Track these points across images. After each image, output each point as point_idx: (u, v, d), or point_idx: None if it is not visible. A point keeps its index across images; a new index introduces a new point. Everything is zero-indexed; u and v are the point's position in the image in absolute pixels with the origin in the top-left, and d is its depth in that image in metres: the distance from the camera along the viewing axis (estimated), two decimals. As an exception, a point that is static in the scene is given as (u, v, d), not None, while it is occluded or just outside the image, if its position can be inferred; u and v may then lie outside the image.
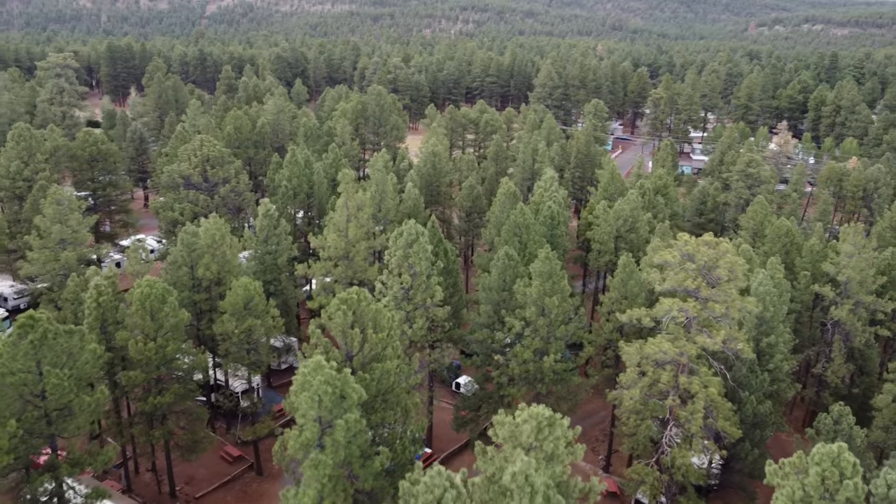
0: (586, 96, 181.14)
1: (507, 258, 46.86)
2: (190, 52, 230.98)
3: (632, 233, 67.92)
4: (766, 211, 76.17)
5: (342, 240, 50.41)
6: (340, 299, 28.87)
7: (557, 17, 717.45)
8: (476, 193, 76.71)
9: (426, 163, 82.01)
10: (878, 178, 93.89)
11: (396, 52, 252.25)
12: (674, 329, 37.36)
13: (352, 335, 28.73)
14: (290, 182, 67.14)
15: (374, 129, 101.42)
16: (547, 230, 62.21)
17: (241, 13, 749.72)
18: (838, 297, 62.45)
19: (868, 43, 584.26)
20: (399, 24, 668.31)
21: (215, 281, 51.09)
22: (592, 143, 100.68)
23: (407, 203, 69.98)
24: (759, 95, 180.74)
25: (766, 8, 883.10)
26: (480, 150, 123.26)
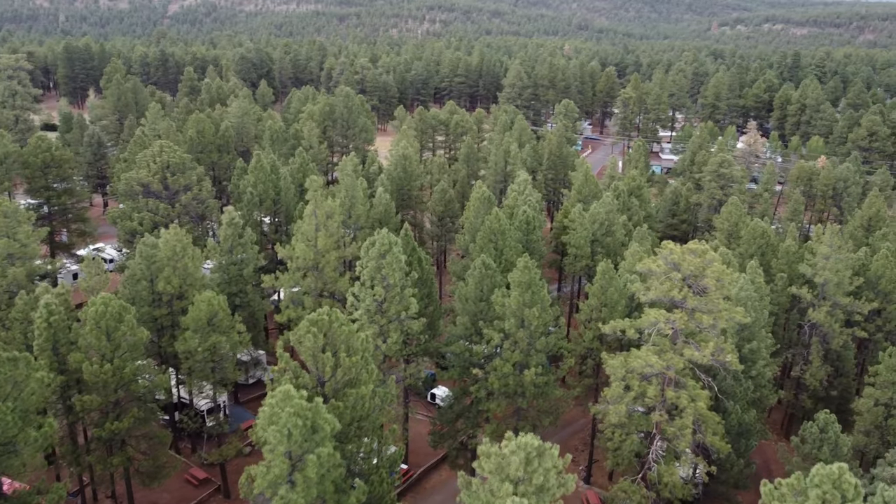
0: (556, 96, 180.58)
1: (485, 267, 45.07)
2: (151, 53, 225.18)
3: (608, 236, 66.72)
4: (740, 212, 75.67)
5: (311, 250, 48.13)
6: (310, 321, 26.74)
7: (524, 16, 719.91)
8: (448, 197, 74.86)
9: (397, 166, 79.93)
10: (848, 178, 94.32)
11: (363, 52, 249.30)
12: (659, 341, 35.93)
13: (323, 359, 26.64)
14: (256, 188, 64.51)
15: (343, 132, 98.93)
16: (522, 235, 60.66)
17: (205, 13, 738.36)
18: (815, 299, 61.97)
19: (826, 42, 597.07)
20: (365, 23, 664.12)
21: (177, 295, 48.42)
22: (565, 145, 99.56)
23: (378, 208, 67.83)
24: (727, 95, 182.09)
25: (727, 8, 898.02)
26: (451, 151, 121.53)
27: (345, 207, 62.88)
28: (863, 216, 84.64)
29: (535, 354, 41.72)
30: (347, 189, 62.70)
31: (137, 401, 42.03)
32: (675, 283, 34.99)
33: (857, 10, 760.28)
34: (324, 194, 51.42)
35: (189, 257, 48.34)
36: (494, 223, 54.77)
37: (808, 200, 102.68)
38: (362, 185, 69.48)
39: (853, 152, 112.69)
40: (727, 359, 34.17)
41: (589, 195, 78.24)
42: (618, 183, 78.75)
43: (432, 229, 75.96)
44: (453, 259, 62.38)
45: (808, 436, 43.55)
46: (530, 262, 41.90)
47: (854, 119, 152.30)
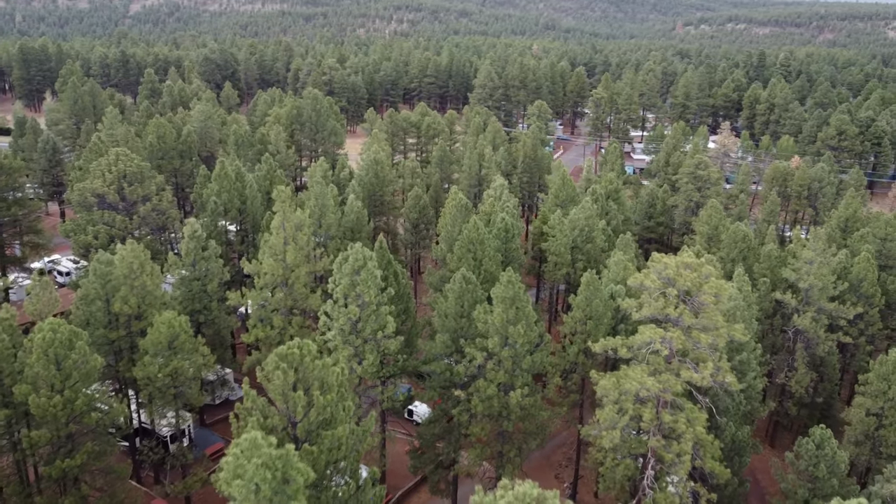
0: (527, 97, 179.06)
1: (465, 282, 42.57)
2: (111, 54, 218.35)
3: (588, 243, 64.76)
4: (720, 215, 74.34)
5: (279, 265, 45.15)
6: (279, 356, 23.95)
7: (491, 16, 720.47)
8: (423, 204, 72.24)
9: (368, 171, 77.05)
10: (822, 178, 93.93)
11: (331, 52, 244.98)
12: (654, 360, 33.80)
13: (294, 399, 23.88)
14: (220, 197, 61.16)
15: (311, 136, 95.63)
16: (501, 244, 58.34)
17: (167, 12, 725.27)
18: (800, 305, 60.72)
19: (788, 41, 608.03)
20: (332, 23, 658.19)
21: (135, 315, 45.08)
22: (539, 147, 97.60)
23: (349, 216, 64.94)
24: (696, 94, 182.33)
25: (691, 8, 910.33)
26: (423, 154, 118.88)
27: (314, 217, 59.92)
28: (840, 217, 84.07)
29: (521, 374, 39.36)
30: (317, 197, 59.73)
31: (92, 434, 38.70)
32: (671, 300, 32.89)
33: (816, 9, 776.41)
34: (292, 204, 48.49)
35: (147, 274, 45.01)
36: (473, 232, 52.32)
37: (783, 201, 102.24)
38: (333, 192, 66.55)
39: (826, 152, 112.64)
40: (727, 379, 32.18)
41: (566, 199, 76.28)
42: (595, 186, 76.91)
43: (406, 237, 73.27)
44: (429, 269, 59.82)
45: (803, 452, 41.86)
46: (514, 277, 39.52)
47: (823, 118, 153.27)
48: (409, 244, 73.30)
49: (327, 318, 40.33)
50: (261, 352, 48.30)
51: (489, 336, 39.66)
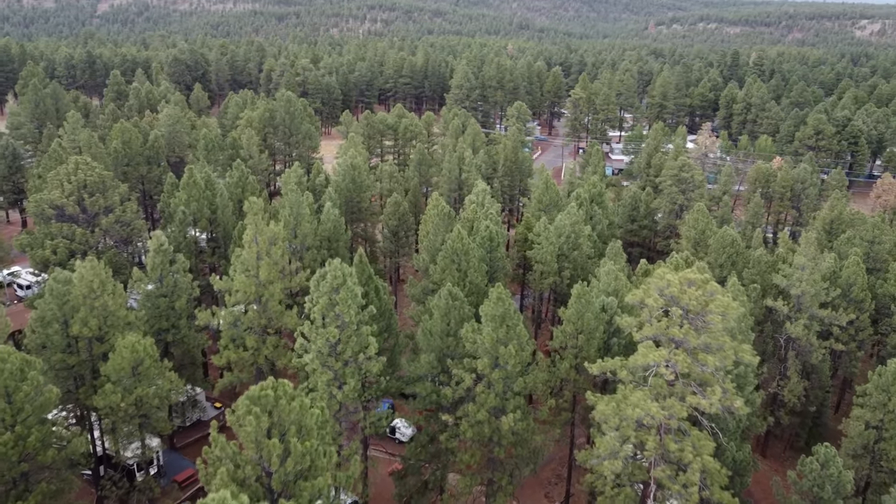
0: (504, 97, 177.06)
1: (451, 298, 40.04)
2: (77, 55, 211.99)
3: (574, 250, 62.60)
4: (707, 219, 72.66)
5: (252, 281, 42.21)
6: (251, 398, 21.21)
7: (465, 16, 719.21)
8: (402, 211, 69.53)
9: (345, 177, 74.18)
10: (805, 179, 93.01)
11: (304, 52, 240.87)
12: (656, 383, 31.57)
13: (269, 446, 21.17)
14: (189, 207, 57.90)
15: (285, 139, 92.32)
16: (486, 253, 55.91)
17: (136, 12, 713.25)
18: (792, 312, 59.13)
19: (759, 40, 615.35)
20: (305, 23, 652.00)
21: (96, 338, 41.85)
22: (520, 149, 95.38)
23: (326, 225, 62.02)
24: (674, 94, 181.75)
25: (663, 7, 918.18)
26: (400, 156, 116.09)
27: (289, 227, 56.96)
28: (824, 219, 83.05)
29: (513, 398, 36.92)
30: (292, 206, 56.76)
31: (48, 471, 35.53)
32: (675, 320, 30.67)
33: (785, 9, 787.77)
34: (265, 216, 45.58)
35: (109, 293, 41.78)
36: (457, 243, 49.82)
37: (765, 202, 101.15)
38: (308, 200, 63.58)
39: (808, 153, 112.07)
40: (735, 404, 30.05)
41: (550, 204, 74.12)
42: (579, 190, 74.84)
43: (386, 244, 70.51)
44: (412, 281, 57.17)
45: (807, 471, 40.03)
46: (504, 293, 37.07)
47: (800, 118, 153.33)
48: (388, 252, 70.60)
49: (304, 339, 37.56)
50: (233, 373, 45.39)
51: (478, 356, 37.18)
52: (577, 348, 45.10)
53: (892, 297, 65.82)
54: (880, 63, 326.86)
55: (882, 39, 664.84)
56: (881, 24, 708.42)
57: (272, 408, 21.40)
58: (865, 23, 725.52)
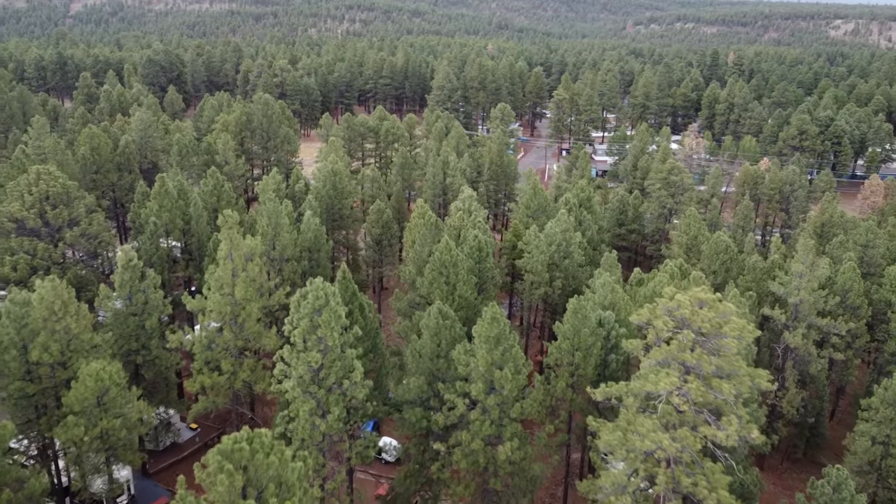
0: (486, 98, 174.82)
1: (441, 317, 37.48)
2: (47, 56, 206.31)
3: (566, 258, 60.33)
4: (699, 224, 70.84)
5: (227, 300, 39.34)
6: (223, 453, 18.51)
7: (444, 16, 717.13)
8: (386, 218, 66.83)
9: (325, 183, 71.31)
10: (794, 181, 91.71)
11: (282, 53, 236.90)
12: (666, 409, 29.29)
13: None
14: (160, 217, 54.77)
15: (263, 143, 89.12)
16: (474, 264, 53.41)
17: (110, 12, 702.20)
18: (789, 321, 57.36)
19: (735, 40, 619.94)
20: (283, 23, 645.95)
21: (59, 363, 38.75)
22: (505, 152, 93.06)
23: (307, 235, 59.19)
24: (656, 94, 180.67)
25: (641, 7, 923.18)
26: (381, 159, 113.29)
27: (268, 237, 54.06)
28: (815, 222, 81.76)
29: (510, 424, 34.47)
30: (270, 216, 53.86)
31: (3, 514, 32.45)
32: (686, 343, 28.38)
33: (760, 9, 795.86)
34: (241, 228, 42.74)
35: (72, 315, 38.69)
36: (444, 254, 47.29)
37: (754, 204, 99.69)
38: (287, 209, 60.68)
39: (796, 154, 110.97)
40: (753, 434, 27.86)
41: (538, 209, 71.88)
42: (568, 195, 72.64)
43: (369, 254, 67.74)
44: (397, 294, 54.54)
45: (818, 495, 37.99)
46: (499, 312, 34.61)
47: (783, 118, 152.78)
48: (371, 262, 67.85)
49: (284, 365, 34.81)
50: (208, 397, 42.48)
51: (472, 381, 34.68)
52: (574, 366, 42.79)
53: (888, 302, 64.35)
54: (856, 62, 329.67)
55: (856, 39, 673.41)
56: (854, 24, 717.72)
57: (247, 463, 18.75)
58: (839, 22, 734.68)
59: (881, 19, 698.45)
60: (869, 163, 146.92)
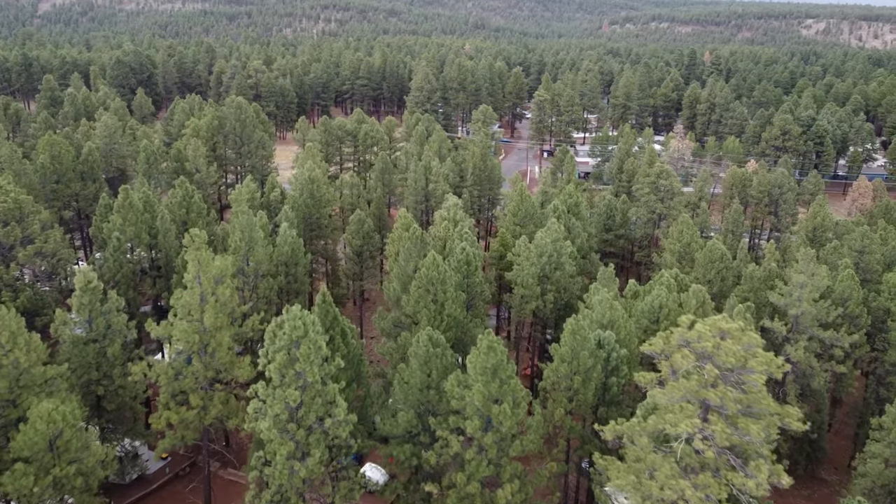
0: (466, 99, 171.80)
1: (432, 344, 34.29)
2: (12, 57, 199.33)
3: (557, 270, 57.41)
4: (692, 231, 68.38)
5: (196, 328, 35.77)
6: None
7: (420, 15, 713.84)
8: (367, 229, 63.41)
9: (303, 191, 67.74)
10: (783, 183, 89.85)
11: (256, 53, 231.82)
12: (685, 452, 26.40)
13: None
14: (125, 232, 50.89)
15: (236, 149, 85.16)
16: (462, 278, 50.25)
17: (80, 12, 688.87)
18: (790, 333, 55.03)
19: (709, 39, 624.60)
20: (257, 23, 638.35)
21: (7, 401, 34.93)
22: (489, 156, 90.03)
23: (283, 248, 55.65)
24: (637, 94, 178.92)
25: (616, 7, 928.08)
26: (360, 164, 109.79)
27: (241, 253, 50.44)
28: (807, 227, 79.82)
29: (509, 464, 31.38)
30: (243, 229, 50.26)
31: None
32: (708, 379, 25.50)
33: (734, 8, 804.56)
34: (214, 244, 39.17)
35: (21, 348, 34.88)
36: (431, 271, 44.08)
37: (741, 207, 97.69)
38: (262, 220, 57.06)
39: (784, 155, 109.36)
40: (783, 481, 25.09)
41: (525, 217, 68.92)
42: (556, 202, 69.79)
43: (349, 266, 64.25)
44: (381, 312, 51.22)
45: (837, 529, 35.51)
46: (496, 342, 31.49)
47: (765, 118, 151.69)
48: (352, 274, 64.40)
49: (259, 402, 31.39)
50: (176, 432, 38.83)
51: (467, 416, 31.54)
52: (572, 391, 39.87)
53: (887, 310, 62.31)
54: (830, 62, 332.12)
55: (827, 38, 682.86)
56: (826, 24, 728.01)
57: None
58: (811, 22, 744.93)
59: (851, 18, 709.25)
60: (851, 163, 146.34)
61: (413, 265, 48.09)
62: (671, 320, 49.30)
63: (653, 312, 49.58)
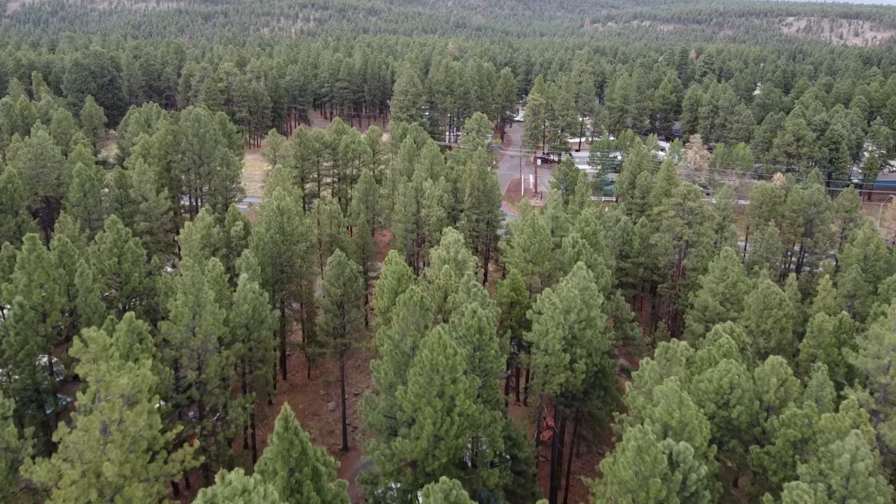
0: (454, 103, 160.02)
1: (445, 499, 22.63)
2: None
3: (588, 328, 45.98)
4: (737, 268, 57.22)
5: (90, 483, 23.72)
6: None
7: (401, 14, 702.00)
8: (348, 274, 51.45)
9: (270, 225, 55.73)
10: (819, 201, 79.24)
11: (230, 54, 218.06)
12: None
13: None
14: (30, 297, 38.66)
15: (194, 169, 72.77)
16: (472, 350, 38.59)
17: (50, 11, 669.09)
18: (880, 405, 44.05)
19: (692, 38, 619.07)
20: (234, 22, 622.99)
21: None
22: (488, 174, 78.44)
23: (242, 308, 43.73)
24: (636, 97, 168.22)
25: (597, 5, 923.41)
26: (340, 180, 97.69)
27: (183, 322, 38.43)
28: (857, 255, 69.07)
29: None
30: (187, 291, 38.24)
31: None
32: None
33: (715, 6, 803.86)
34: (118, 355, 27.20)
35: None
36: (438, 355, 32.40)
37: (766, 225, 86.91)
38: (215, 271, 45.07)
39: (815, 169, 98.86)
40: None
41: (538, 254, 57.41)
42: (574, 235, 58.32)
43: (327, 320, 52.24)
44: (368, 397, 39.54)
45: None
46: None
47: (774, 122, 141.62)
48: (332, 330, 52.42)
49: None
50: None
51: None
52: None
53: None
54: (819, 59, 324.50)
55: (808, 36, 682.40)
56: (807, 21, 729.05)
57: None
58: (792, 20, 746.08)
59: (832, 16, 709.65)
60: (867, 170, 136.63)
61: (410, 341, 36.34)
62: (745, 405, 38.29)
63: (720, 394, 38.30)
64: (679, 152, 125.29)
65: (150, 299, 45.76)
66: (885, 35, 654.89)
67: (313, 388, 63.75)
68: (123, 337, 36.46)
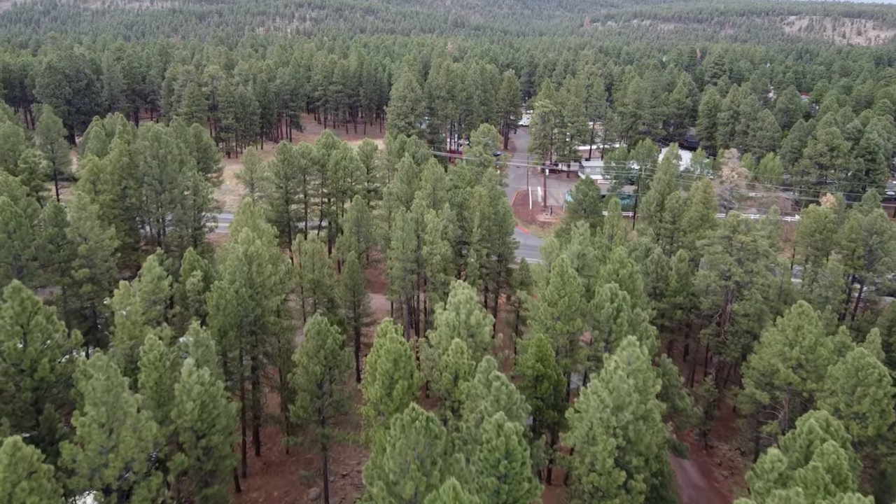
0: (456, 109, 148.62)
1: None
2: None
3: (645, 426, 34.83)
4: (817, 330, 46.04)
5: None
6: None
7: (398, 13, 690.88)
8: (330, 348, 40.18)
9: (235, 277, 44.50)
10: (883, 229, 68.30)
11: (218, 55, 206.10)
12: None
13: None
14: None
15: (154, 197, 61.20)
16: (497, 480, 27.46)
17: (42, 11, 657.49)
18: None
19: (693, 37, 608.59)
20: (228, 22, 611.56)
21: None
22: (500, 200, 67.18)
23: (185, 407, 32.54)
24: (650, 101, 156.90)
25: (596, 4, 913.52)
26: (330, 201, 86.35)
27: (92, 446, 27.24)
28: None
29: None
30: (98, 403, 27.05)
31: None
32: None
33: (716, 6, 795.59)
34: None
35: None
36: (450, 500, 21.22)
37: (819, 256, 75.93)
38: (154, 353, 33.87)
39: (871, 190, 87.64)
40: None
41: (569, 310, 46.27)
42: (611, 286, 47.05)
43: (305, 403, 40.98)
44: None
45: None
46: None
47: (805, 129, 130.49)
48: (311, 412, 41.10)
49: None
50: None
51: None
52: None
53: None
54: (827, 59, 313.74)
55: (810, 35, 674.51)
56: (808, 20, 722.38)
57: None
58: (793, 19, 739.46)
59: (834, 15, 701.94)
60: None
61: (412, 487, 25.11)
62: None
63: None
64: (702, 163, 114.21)
65: (65, 390, 34.49)
66: (888, 34, 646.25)
67: (292, 466, 52.48)
68: (3, 472, 25.30)
